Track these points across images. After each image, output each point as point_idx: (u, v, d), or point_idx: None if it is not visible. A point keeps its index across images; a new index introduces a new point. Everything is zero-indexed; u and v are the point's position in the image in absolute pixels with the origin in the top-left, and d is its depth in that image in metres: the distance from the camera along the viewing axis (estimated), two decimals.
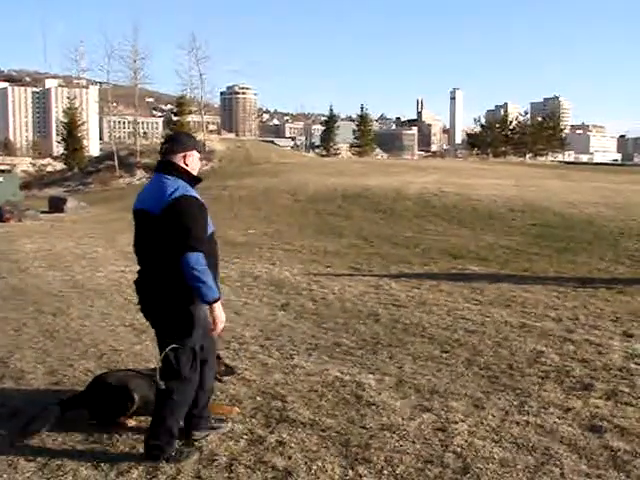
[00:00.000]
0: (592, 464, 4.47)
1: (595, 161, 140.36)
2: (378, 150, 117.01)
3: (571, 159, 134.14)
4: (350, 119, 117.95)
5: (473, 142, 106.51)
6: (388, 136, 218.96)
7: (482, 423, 5.12)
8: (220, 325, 4.45)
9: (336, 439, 4.83)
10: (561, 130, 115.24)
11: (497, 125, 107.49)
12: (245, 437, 4.89)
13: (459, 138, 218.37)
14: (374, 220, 19.55)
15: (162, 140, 4.85)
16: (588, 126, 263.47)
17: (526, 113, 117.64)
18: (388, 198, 22.97)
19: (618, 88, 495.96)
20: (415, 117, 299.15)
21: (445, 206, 20.84)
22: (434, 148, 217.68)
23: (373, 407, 5.44)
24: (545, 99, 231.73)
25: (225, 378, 5.80)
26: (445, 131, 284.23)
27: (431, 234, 16.61)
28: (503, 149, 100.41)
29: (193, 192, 4.44)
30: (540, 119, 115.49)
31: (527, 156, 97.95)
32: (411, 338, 7.52)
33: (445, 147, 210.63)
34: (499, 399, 5.63)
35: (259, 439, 4.85)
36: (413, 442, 4.78)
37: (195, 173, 4.59)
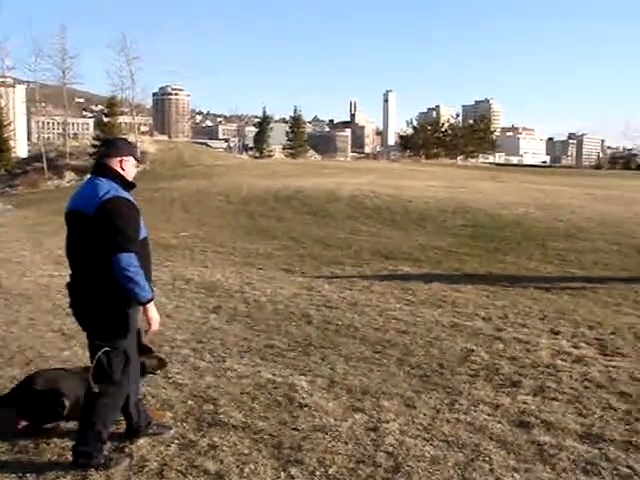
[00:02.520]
0: (520, 459, 4.57)
1: (525, 163, 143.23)
2: (312, 152, 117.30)
3: (502, 161, 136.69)
4: (284, 121, 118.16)
5: (406, 144, 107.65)
6: (321, 138, 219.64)
7: (413, 422, 5.17)
8: (155, 325, 4.43)
9: (268, 441, 4.82)
10: (492, 132, 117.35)
11: (429, 127, 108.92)
12: (176, 442, 4.83)
13: (392, 140, 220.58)
14: (307, 221, 19.57)
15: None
16: (518, 129, 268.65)
17: (458, 115, 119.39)
18: (321, 199, 23.02)
19: (547, 92, 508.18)
20: (348, 119, 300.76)
21: (378, 207, 20.99)
22: (367, 150, 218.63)
23: (305, 409, 5.43)
24: (476, 102, 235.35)
25: (160, 381, 5.73)
26: (378, 133, 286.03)
27: (364, 235, 16.70)
28: (435, 151, 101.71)
29: (126, 194, 4.43)
30: (471, 121, 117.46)
31: (459, 158, 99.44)
32: (343, 339, 7.54)
33: (378, 149, 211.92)
34: (430, 398, 5.69)
35: (191, 443, 4.80)
36: (345, 442, 4.79)
37: (130, 179, 4.57)
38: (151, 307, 4.38)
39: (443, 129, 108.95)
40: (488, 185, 31.46)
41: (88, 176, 4.63)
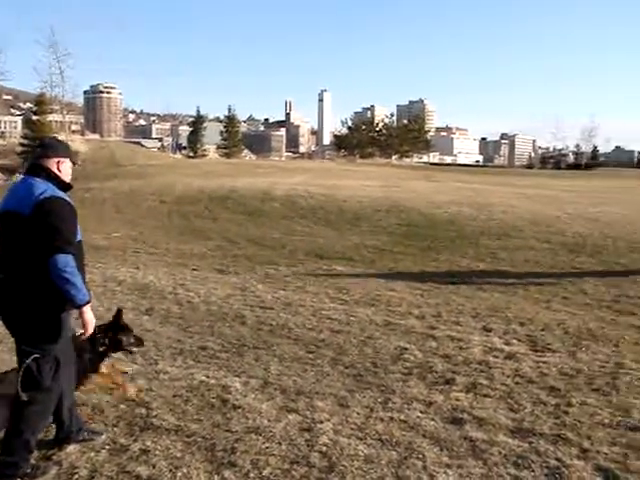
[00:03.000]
0: (453, 455, 4.62)
1: (458, 162, 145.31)
2: (246, 151, 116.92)
3: (436, 160, 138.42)
4: (218, 120, 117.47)
5: (340, 144, 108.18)
6: (256, 137, 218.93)
7: (347, 421, 5.16)
8: (90, 328, 4.31)
9: (201, 444, 4.75)
10: (426, 132, 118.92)
11: (364, 127, 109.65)
12: (107, 447, 4.72)
13: (327, 140, 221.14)
14: (241, 222, 19.49)
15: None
16: (452, 129, 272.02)
17: (392, 115, 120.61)
18: (255, 199, 22.96)
19: (480, 92, 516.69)
20: (284, 118, 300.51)
21: (312, 207, 21.03)
22: (302, 149, 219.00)
23: (239, 410, 5.38)
24: (411, 102, 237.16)
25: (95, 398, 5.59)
26: (313, 133, 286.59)
27: (298, 235, 16.71)
28: (370, 150, 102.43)
29: (63, 194, 4.30)
30: (406, 121, 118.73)
31: (393, 157, 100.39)
32: (277, 339, 7.51)
33: (313, 148, 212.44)
34: (364, 397, 5.70)
35: (122, 448, 4.70)
36: (279, 443, 4.76)
37: (67, 180, 4.45)
38: (87, 310, 4.24)
39: (378, 129, 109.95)
40: (422, 184, 31.82)
41: (21, 176, 4.47)
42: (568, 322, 8.40)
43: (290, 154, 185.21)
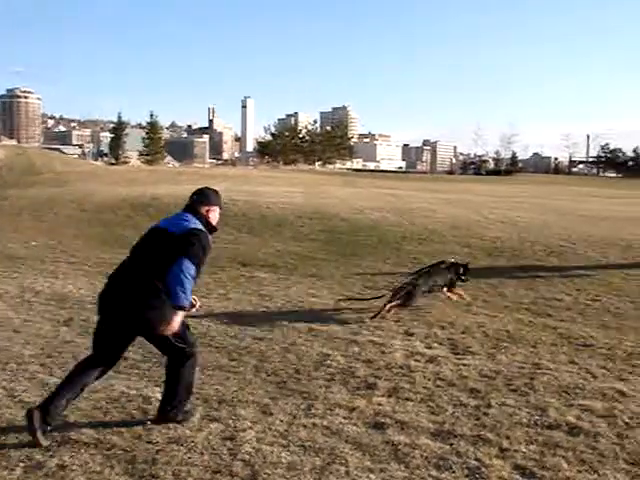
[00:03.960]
0: (375, 459, 4.66)
1: (381, 168, 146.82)
2: (169, 158, 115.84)
3: (359, 166, 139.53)
4: (140, 126, 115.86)
5: (264, 150, 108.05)
6: (179, 144, 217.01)
7: (270, 429, 5.15)
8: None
9: (122, 457, 4.66)
10: (349, 139, 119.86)
11: (287, 134, 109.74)
12: (22, 464, 4.58)
13: (250, 146, 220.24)
14: None
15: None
16: (375, 135, 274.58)
17: (316, 122, 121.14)
18: (178, 207, 22.06)
19: (402, 99, 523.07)
20: (207, 125, 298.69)
21: (235, 214, 20.86)
22: (226, 156, 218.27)
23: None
24: (334, 109, 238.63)
25: (5, 400, 5.44)
26: (237, 139, 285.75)
27: (220, 242, 16.47)
28: (293, 157, 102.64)
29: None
30: (329, 128, 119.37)
31: (317, 164, 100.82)
32: (198, 348, 7.41)
33: (237, 155, 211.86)
34: (287, 404, 5.70)
35: (38, 465, 4.57)
36: (201, 453, 4.71)
37: (214, 224, 5.46)
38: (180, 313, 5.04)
39: (301, 135, 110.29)
40: (345, 191, 32.02)
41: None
42: (488, 325, 8.59)
43: (213, 161, 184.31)
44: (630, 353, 7.53)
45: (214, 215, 5.47)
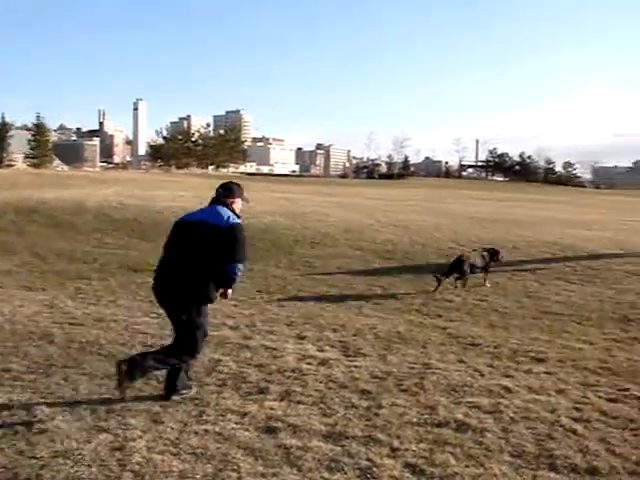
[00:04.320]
0: (268, 464, 4.64)
1: (275, 172, 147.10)
2: (58, 162, 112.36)
3: (253, 170, 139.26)
4: (26, 128, 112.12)
5: (156, 154, 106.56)
6: (69, 147, 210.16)
7: (161, 437, 5.05)
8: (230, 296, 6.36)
9: (2, 475, 4.46)
10: (242, 142, 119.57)
11: (180, 137, 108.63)
12: None
13: (143, 150, 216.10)
14: (50, 235, 18.63)
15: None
16: (269, 139, 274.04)
17: (209, 125, 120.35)
18: (66, 212, 22.05)
19: (296, 103, 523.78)
20: (97, 128, 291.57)
21: (126, 219, 20.50)
22: (117, 160, 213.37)
23: (45, 434, 5.10)
24: (227, 112, 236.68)
25: None
26: (128, 142, 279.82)
27: (111, 248, 16.25)
28: (186, 161, 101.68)
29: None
30: (222, 132, 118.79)
31: (210, 168, 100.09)
32: (87, 357, 7.23)
33: (128, 159, 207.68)
34: (177, 411, 5.61)
35: None
36: (89, 466, 4.57)
37: (237, 212, 6.24)
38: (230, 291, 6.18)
39: (194, 139, 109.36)
40: None
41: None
42: (379, 327, 8.71)
43: (104, 164, 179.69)
44: (515, 350, 7.79)
45: (237, 205, 6.29)
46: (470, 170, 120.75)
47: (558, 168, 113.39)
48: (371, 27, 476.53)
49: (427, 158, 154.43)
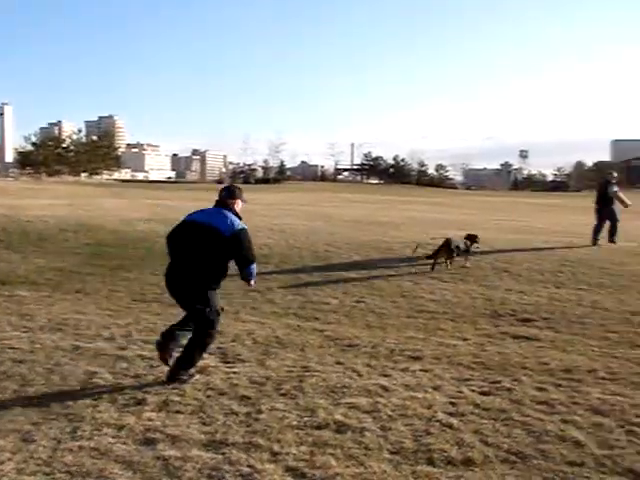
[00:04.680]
0: (146, 476, 4.57)
1: (151, 179, 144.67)
2: None
3: (127, 177, 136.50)
4: None
5: (24, 161, 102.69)
6: None
7: (32, 457, 4.85)
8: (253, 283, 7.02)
9: None
10: (116, 149, 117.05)
11: (50, 143, 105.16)
12: None
13: (10, 157, 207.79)
14: None
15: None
16: (143, 145, 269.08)
17: (80, 131, 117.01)
18: None
19: (171, 108, 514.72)
20: None
21: None
22: None
23: None
24: (100, 117, 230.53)
25: None
26: None
27: None
28: (58, 168, 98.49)
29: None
30: (95, 138, 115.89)
31: (83, 175, 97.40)
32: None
33: None
34: (51, 428, 5.40)
35: None
36: None
37: (239, 213, 6.98)
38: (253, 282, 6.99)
39: (65, 145, 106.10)
40: (112, 202, 31.18)
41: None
42: (257, 332, 8.69)
43: None
44: (392, 350, 7.95)
45: (238, 206, 6.99)
46: (345, 174, 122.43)
47: (431, 170, 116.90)
48: (240, 35, 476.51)
49: (303, 162, 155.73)
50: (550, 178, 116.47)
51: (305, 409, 5.88)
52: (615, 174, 20.36)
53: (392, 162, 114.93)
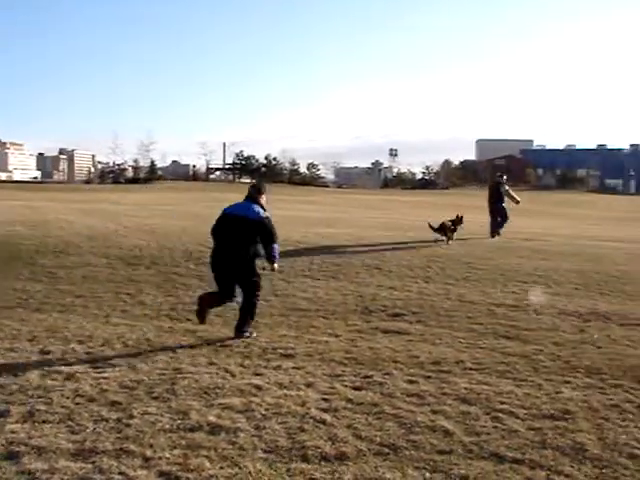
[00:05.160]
0: None
1: (15, 179, 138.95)
2: None
3: None
4: None
5: None
6: None
7: None
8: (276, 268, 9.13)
9: None
10: None
11: None
12: None
13: None
14: None
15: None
16: (6, 143, 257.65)
17: None
18: None
19: (36, 106, 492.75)
20: None
21: None
22: None
23: None
24: None
25: None
26: None
27: None
28: None
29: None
30: None
31: None
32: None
33: None
34: None
35: None
36: None
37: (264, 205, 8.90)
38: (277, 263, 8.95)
39: None
40: None
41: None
42: (128, 335, 8.50)
43: None
44: (265, 349, 7.97)
45: (263, 200, 8.92)
46: (218, 173, 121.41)
47: (302, 169, 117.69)
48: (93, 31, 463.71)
49: (174, 162, 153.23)
50: (419, 176, 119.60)
51: (178, 412, 5.80)
52: (505, 176, 22.09)
53: (264, 161, 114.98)
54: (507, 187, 21.31)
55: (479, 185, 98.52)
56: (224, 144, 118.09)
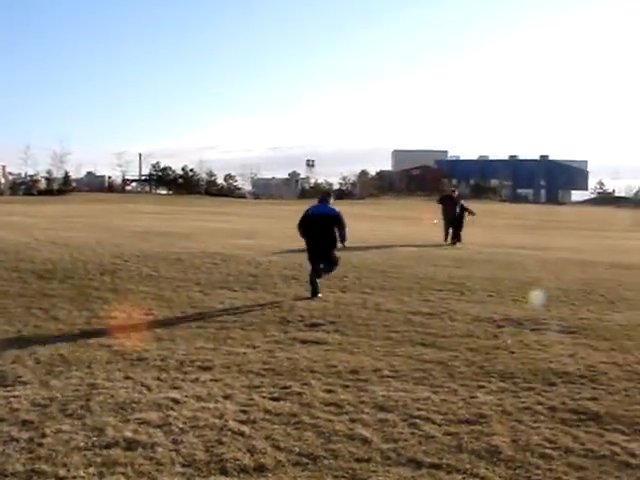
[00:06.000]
0: None
1: None
2: None
3: None
4: None
5: None
6: None
7: None
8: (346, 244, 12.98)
9: None
10: None
11: None
12: None
13: None
14: None
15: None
16: None
17: None
18: None
19: None
20: None
21: None
22: None
23: None
24: None
25: None
26: None
27: None
28: None
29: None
30: None
31: None
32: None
33: None
34: None
35: None
36: None
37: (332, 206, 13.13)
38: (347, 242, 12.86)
39: None
40: None
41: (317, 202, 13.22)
42: (40, 351, 8.26)
43: None
44: (182, 361, 7.87)
45: (332, 201, 13.17)
46: (134, 184, 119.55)
47: (220, 180, 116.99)
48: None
49: (89, 173, 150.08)
50: (336, 187, 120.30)
51: (93, 428, 5.67)
52: (457, 191, 25.72)
53: (181, 172, 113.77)
54: (462, 201, 24.10)
55: (395, 195, 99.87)
56: (140, 155, 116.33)
